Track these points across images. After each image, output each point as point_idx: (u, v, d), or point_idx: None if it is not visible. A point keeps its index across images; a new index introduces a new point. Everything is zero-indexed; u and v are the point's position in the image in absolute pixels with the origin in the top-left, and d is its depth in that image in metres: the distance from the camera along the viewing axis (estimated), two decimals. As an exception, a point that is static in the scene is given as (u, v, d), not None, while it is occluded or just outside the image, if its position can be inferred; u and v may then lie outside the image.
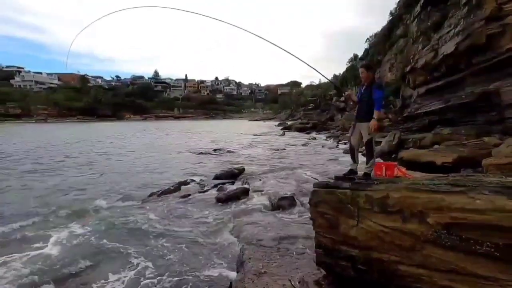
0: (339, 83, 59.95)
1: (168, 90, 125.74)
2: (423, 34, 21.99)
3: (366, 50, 47.40)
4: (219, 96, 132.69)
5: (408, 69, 22.43)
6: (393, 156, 12.54)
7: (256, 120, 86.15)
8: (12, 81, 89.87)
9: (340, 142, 20.42)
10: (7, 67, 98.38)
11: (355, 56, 60.76)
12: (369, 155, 3.43)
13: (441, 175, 3.36)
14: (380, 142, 15.14)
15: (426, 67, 18.84)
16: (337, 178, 3.38)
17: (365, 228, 2.68)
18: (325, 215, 3.10)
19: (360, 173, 3.49)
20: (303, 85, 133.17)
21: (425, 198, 2.31)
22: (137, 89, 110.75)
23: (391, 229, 2.46)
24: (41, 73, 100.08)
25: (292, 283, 3.20)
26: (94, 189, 8.96)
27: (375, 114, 3.44)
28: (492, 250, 1.89)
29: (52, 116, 74.80)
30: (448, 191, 2.25)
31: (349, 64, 60.14)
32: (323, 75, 4.43)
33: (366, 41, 47.13)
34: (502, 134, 11.20)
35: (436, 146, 10.27)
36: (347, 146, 18.31)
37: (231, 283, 3.31)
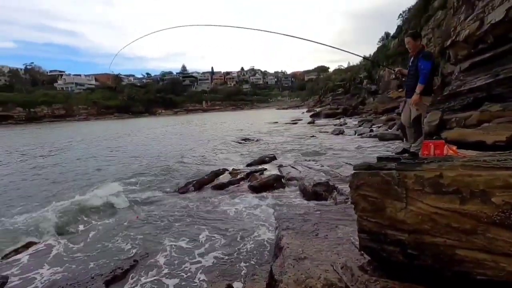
0: (370, 65, 57.05)
1: (195, 83, 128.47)
2: (466, 2, 19.93)
3: (399, 27, 44.43)
4: (245, 86, 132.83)
5: (448, 43, 20.58)
6: (434, 138, 11.70)
7: (284, 108, 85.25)
8: (55, 84, 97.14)
9: (373, 126, 19.50)
10: (50, 71, 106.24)
11: (387, 34, 57.26)
12: (417, 133, 3.18)
13: (501, 152, 3.02)
14: (419, 123, 14.25)
15: (469, 39, 17.11)
16: (380, 158, 3.17)
17: (415, 210, 2.49)
18: (369, 198, 2.93)
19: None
20: (330, 70, 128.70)
21: (488, 176, 2.06)
22: (166, 84, 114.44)
23: (447, 210, 2.25)
24: (80, 75, 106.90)
25: (335, 268, 3.09)
26: (138, 177, 9.43)
27: (418, 88, 3.17)
28: None
29: (91, 115, 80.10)
30: (516, 167, 1.98)
31: (380, 44, 56.85)
32: (355, 54, 4.16)
33: (398, 17, 44.08)
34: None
35: (485, 125, 9.38)
36: (381, 130, 17.45)
37: (271, 268, 3.28)
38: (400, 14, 43.87)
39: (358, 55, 4.49)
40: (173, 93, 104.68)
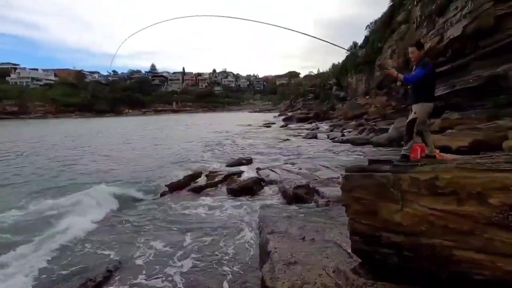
0: (338, 72, 59.46)
1: (165, 83, 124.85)
2: (428, 18, 21.55)
3: (366, 38, 46.77)
4: (217, 88, 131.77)
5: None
6: (402, 142, 12.37)
7: (256, 111, 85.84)
8: (8, 78, 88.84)
9: (344, 131, 20.23)
10: (1, 64, 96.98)
11: (355, 44, 60.02)
12: (408, 136, 3.27)
13: (481, 155, 3.19)
14: (387, 129, 15.01)
15: (430, 52, 18.49)
16: (371, 161, 3.19)
17: (411, 212, 2.51)
18: (362, 200, 2.92)
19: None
20: (301, 76, 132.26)
21: (485, 178, 2.13)
22: (134, 83, 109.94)
23: (444, 212, 2.29)
24: (37, 69, 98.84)
25: (328, 272, 3.05)
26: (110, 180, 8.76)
27: (399, 75, 3.40)
28: None
29: (49, 113, 74.34)
30: (510, 169, 2.06)
31: (349, 53, 59.39)
32: (339, 46, 4.25)
33: (366, 28, 46.45)
34: (512, 117, 11.05)
35: (448, 131, 10.10)
36: (352, 135, 18.14)
37: (262, 274, 3.15)
38: (368, 26, 46.26)
39: (342, 48, 4.60)
40: (141, 92, 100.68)
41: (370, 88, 40.45)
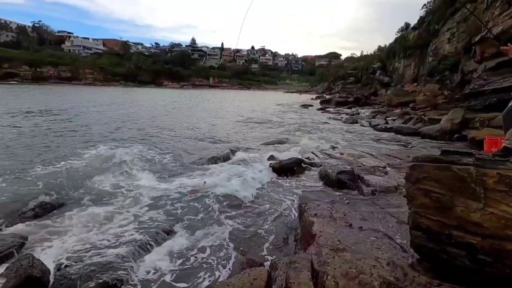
0: (385, 55, 55.35)
1: (204, 58, 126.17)
2: (502, -4, 18.83)
3: (422, 18, 42.49)
4: (254, 66, 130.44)
5: (477, 38, 19.67)
6: (455, 136, 11.34)
7: (292, 92, 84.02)
8: (63, 46, 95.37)
9: (388, 119, 19.04)
10: (58, 32, 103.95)
11: (407, 25, 55.13)
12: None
13: None
14: (439, 120, 13.80)
15: (502, 36, 16.28)
16: (445, 152, 2.86)
17: (496, 213, 2.21)
18: (432, 193, 2.64)
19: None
20: (342, 57, 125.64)
21: None
22: (175, 56, 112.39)
23: (544, 218, 1.97)
24: (88, 38, 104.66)
25: (382, 264, 2.87)
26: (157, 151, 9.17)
27: None
28: None
29: (98, 81, 79.20)
30: None
31: (399, 35, 54.81)
32: None
33: (422, 8, 42.07)
34: None
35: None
36: (397, 123, 17.01)
37: (311, 257, 3.06)
38: (425, 5, 41.86)
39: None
40: (181, 66, 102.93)
41: (420, 74, 37.33)
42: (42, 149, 8.69)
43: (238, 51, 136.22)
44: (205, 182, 5.90)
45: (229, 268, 3.34)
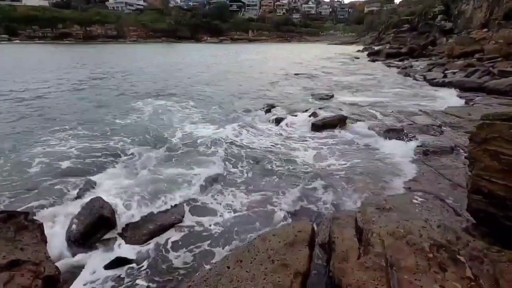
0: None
1: (243, 9, 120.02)
2: None
3: None
4: (295, 16, 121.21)
5: None
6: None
7: (336, 43, 77.83)
8: (107, 3, 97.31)
9: (447, 71, 16.90)
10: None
11: (484, -46, 45.71)
12: None
13: None
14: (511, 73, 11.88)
15: None
16: (525, 109, 2.48)
17: None
18: (502, 155, 2.38)
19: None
20: (397, 1, 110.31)
21: None
22: (213, 9, 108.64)
23: None
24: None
25: (432, 226, 2.77)
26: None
27: None
28: None
29: (141, 38, 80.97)
30: None
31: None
32: None
33: None
34: None
35: None
36: (457, 77, 15.08)
37: (356, 214, 3.06)
38: None
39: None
40: (219, 19, 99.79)
41: (492, 18, 31.61)
42: (112, 107, 9.58)
43: (278, 0, 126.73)
44: None
45: (278, 218, 3.51)
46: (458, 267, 2.08)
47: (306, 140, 6.16)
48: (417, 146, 5.27)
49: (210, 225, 3.44)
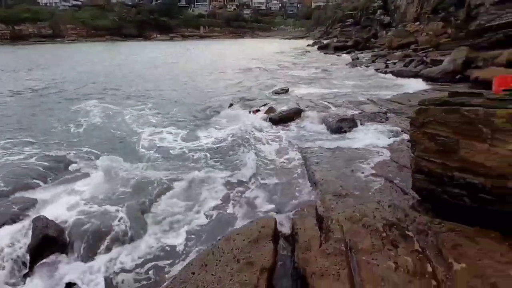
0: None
1: (192, 5, 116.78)
2: None
3: None
4: (246, 11, 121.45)
5: (488, -33, 17.95)
6: (458, 76, 11.04)
7: (287, 38, 79.86)
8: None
9: (388, 62, 18.37)
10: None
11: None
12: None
13: None
14: (441, 61, 13.31)
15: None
16: (453, 93, 2.77)
17: (502, 153, 2.21)
18: (438, 137, 2.62)
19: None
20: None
21: None
22: (160, 5, 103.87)
23: (550, 155, 1.96)
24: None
25: (384, 207, 2.98)
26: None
27: None
28: None
29: (81, 37, 74.34)
30: None
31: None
32: None
33: None
34: None
35: (521, 65, 8.67)
36: (397, 67, 16.48)
37: (316, 206, 3.16)
38: None
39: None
40: (167, 16, 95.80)
41: (423, 12, 35.00)
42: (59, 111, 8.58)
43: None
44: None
45: (239, 217, 3.48)
46: (407, 242, 2.27)
47: (264, 134, 6.23)
48: (367, 132, 5.65)
49: (169, 237, 3.27)
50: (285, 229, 3.05)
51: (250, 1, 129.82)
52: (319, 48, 36.43)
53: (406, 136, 5.19)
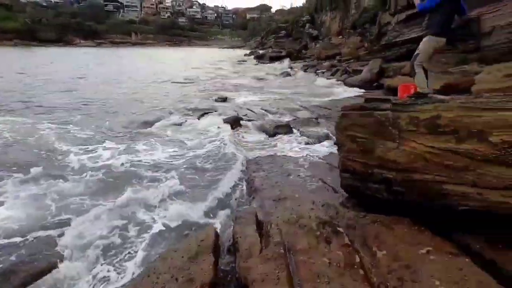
0: (313, 8, 56.12)
1: (121, 10, 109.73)
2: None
3: (344, -30, 43.28)
4: (181, 20, 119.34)
5: (390, -9, 21.12)
6: (375, 84, 12.63)
7: (225, 48, 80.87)
8: None
9: (318, 71, 20.01)
10: None
11: (333, -25, 55.78)
12: (412, 71, 3.20)
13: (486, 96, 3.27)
14: (361, 71, 15.04)
15: (412, -11, 17.79)
16: (368, 100, 3.13)
17: (407, 150, 2.56)
18: (358, 139, 2.92)
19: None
20: (273, 10, 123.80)
21: (488, 117, 2.16)
22: (84, 8, 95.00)
23: (441, 149, 2.35)
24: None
25: (318, 207, 3.17)
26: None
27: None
28: None
29: (-19, 40, 63.07)
30: (514, 108, 2.09)
31: (326, -14, 55.45)
32: None
33: (346, -42, 42.67)
34: (479, 62, 11.53)
35: (421, 74, 10.33)
36: (326, 76, 18.07)
37: (255, 210, 3.20)
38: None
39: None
40: (93, 20, 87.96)
41: (344, 27, 39.23)
42: None
43: (161, 2, 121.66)
44: None
45: (174, 231, 3.29)
46: (338, 237, 2.45)
47: (204, 143, 6.13)
48: (301, 137, 6.01)
49: (94, 266, 2.89)
50: (227, 239, 3.02)
51: (185, 9, 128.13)
52: (255, 58, 37.75)
53: (334, 139, 5.68)
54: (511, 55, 10.61)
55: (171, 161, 5.36)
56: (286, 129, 6.36)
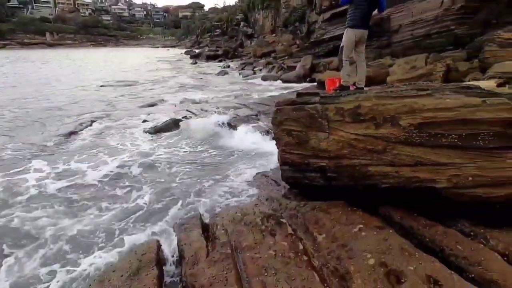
0: (246, 7, 56.95)
1: (29, 7, 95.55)
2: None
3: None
4: (105, 18, 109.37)
5: (314, -9, 22.63)
6: (308, 79, 13.44)
7: (158, 47, 76.97)
8: None
9: (255, 69, 20.41)
10: None
11: (262, -25, 57.25)
12: (340, 64, 3.45)
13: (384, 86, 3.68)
14: (295, 67, 15.83)
15: (334, -10, 19.33)
16: (299, 94, 3.29)
17: (336, 139, 2.77)
18: (293, 132, 3.06)
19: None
20: (206, 8, 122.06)
21: (398, 104, 2.46)
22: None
23: (364, 136, 2.61)
24: None
25: (262, 202, 3.24)
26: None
27: None
28: (455, 140, 2.21)
29: None
30: (417, 95, 2.43)
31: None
32: None
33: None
34: (391, 56, 13.18)
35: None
36: (263, 72, 18.55)
37: (200, 214, 3.11)
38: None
39: None
40: (-8, 18, 74.88)
41: (276, 25, 40.76)
42: None
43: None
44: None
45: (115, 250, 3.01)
46: (282, 228, 2.54)
47: (139, 151, 5.73)
48: (245, 134, 6.07)
49: None
50: (173, 249, 2.87)
51: (109, 6, 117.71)
52: (192, 57, 36.79)
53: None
54: (415, 49, 12.43)
55: (93, 181, 4.84)
56: (228, 127, 6.35)
